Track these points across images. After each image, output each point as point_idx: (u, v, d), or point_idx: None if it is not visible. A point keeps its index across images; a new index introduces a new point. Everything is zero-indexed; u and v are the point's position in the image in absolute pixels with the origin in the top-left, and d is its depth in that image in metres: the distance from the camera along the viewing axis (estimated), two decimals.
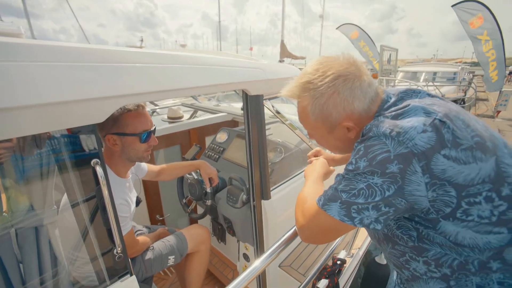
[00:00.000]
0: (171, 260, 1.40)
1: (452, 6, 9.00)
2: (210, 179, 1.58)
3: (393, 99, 0.70)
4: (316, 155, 1.24)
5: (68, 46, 0.67)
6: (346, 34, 12.84)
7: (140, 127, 1.16)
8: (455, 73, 12.43)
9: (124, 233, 1.13)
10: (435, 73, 12.37)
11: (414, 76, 12.22)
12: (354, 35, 12.73)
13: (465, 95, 11.50)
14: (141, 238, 1.39)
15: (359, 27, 12.60)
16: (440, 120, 0.58)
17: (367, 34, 12.40)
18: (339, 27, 13.06)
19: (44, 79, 0.61)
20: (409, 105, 0.63)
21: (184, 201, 1.84)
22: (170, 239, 1.45)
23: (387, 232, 0.72)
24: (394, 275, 0.91)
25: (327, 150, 1.06)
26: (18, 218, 0.72)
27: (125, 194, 1.19)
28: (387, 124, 0.60)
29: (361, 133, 0.68)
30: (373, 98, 0.69)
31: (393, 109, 0.66)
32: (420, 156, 0.55)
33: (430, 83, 9.46)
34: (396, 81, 9.07)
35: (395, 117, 0.62)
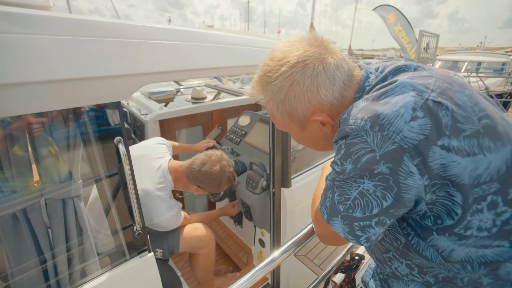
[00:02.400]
0: (159, 253, 1.35)
1: None
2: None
3: (374, 75, 0.56)
4: None
5: (95, 20, 0.65)
6: (383, 17, 11.94)
7: (221, 190, 1.43)
8: (503, 64, 11.18)
9: (181, 221, 1.36)
10: (479, 63, 11.20)
11: (454, 65, 11.18)
12: (391, 18, 11.80)
13: None
14: (194, 218, 1.56)
15: (398, 10, 11.64)
16: (433, 101, 0.45)
17: (405, 18, 11.45)
18: (375, 8, 12.16)
19: (71, 54, 0.60)
20: (395, 81, 0.50)
21: None
22: (165, 232, 1.37)
23: None
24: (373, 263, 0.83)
25: None
26: (47, 189, 0.75)
27: (174, 200, 1.36)
28: (365, 113, 0.47)
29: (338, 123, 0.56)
30: (346, 82, 0.55)
31: (376, 87, 0.53)
32: (412, 152, 0.43)
33: (473, 74, 8.61)
34: None
35: (376, 99, 0.48)
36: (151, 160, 1.32)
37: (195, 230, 1.45)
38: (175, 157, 2.27)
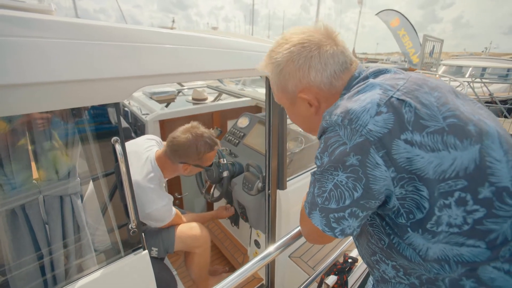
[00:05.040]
0: (154, 252, 1.35)
1: None
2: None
3: (361, 76, 0.61)
4: None
5: (95, 24, 0.68)
6: (386, 22, 11.92)
7: (211, 162, 1.44)
8: (508, 70, 11.09)
9: (171, 219, 1.35)
10: (484, 69, 11.11)
11: (458, 70, 11.11)
12: (394, 22, 11.77)
13: None
14: (186, 218, 1.52)
15: (401, 14, 11.61)
16: (397, 99, 0.49)
17: (410, 22, 11.41)
18: (378, 13, 12.14)
19: (71, 56, 0.62)
20: (367, 81, 0.56)
21: (204, 189, 1.89)
22: (160, 231, 1.38)
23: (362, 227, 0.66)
24: (371, 280, 0.85)
25: None
26: (46, 186, 0.77)
27: (165, 191, 1.38)
28: (339, 110, 0.52)
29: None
30: (337, 72, 0.60)
31: (355, 87, 0.58)
32: (377, 144, 0.46)
33: (477, 80, 8.57)
34: (436, 76, 8.35)
35: (350, 97, 0.54)
36: (140, 154, 1.35)
37: (191, 229, 1.46)
38: None
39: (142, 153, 1.35)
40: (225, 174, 1.59)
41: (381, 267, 0.65)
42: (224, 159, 1.61)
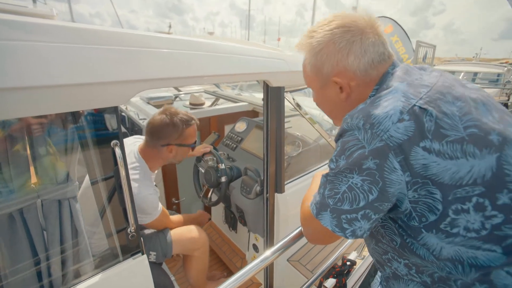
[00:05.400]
0: (152, 256, 1.33)
1: None
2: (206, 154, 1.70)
3: (393, 73, 0.61)
4: None
5: (95, 29, 0.69)
6: None
7: (194, 139, 1.39)
8: (499, 75, 11.35)
9: (158, 215, 1.28)
10: (475, 74, 11.37)
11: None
12: (387, 29, 11.89)
13: (508, 99, 10.52)
14: (176, 218, 1.47)
15: (394, 21, 11.80)
16: (420, 107, 0.50)
17: (402, 28, 11.59)
18: None
19: (71, 60, 0.63)
20: (391, 86, 0.56)
21: (201, 193, 1.88)
22: (158, 234, 1.37)
23: (372, 230, 0.68)
24: (378, 277, 0.85)
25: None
26: (44, 191, 0.77)
27: (153, 184, 1.32)
28: (361, 113, 0.53)
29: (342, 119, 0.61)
30: (375, 62, 0.61)
31: (383, 87, 0.59)
32: (396, 150, 0.48)
33: (457, 78, 8.72)
34: None
35: (372, 102, 0.55)
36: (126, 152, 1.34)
37: (189, 231, 1.45)
38: (171, 166, 2.29)
39: (127, 151, 1.33)
40: (223, 179, 1.59)
41: (393, 265, 0.66)
42: (223, 164, 1.61)
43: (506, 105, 10.14)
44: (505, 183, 0.47)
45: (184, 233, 1.43)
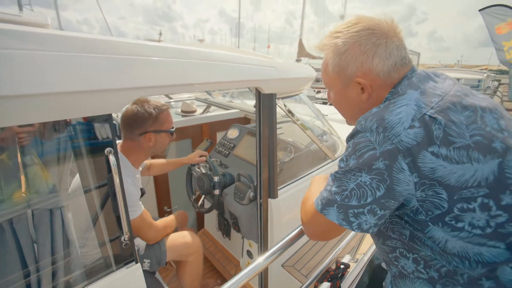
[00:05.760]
0: (146, 264, 1.31)
1: (480, 10, 8.55)
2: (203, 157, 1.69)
3: (410, 78, 0.64)
4: None
5: (89, 38, 0.69)
6: None
7: (170, 125, 1.33)
8: (479, 81, 11.90)
9: (137, 214, 1.19)
10: (458, 80, 11.84)
11: None
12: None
13: None
14: (161, 223, 1.37)
15: None
16: (430, 116, 0.54)
17: None
18: None
19: (64, 69, 0.63)
20: (405, 93, 0.60)
21: (193, 197, 1.87)
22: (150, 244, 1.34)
23: (380, 227, 0.70)
24: (389, 275, 0.86)
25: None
26: (35, 200, 0.76)
27: (134, 179, 1.26)
28: (375, 117, 0.57)
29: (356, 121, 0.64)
30: (398, 65, 0.64)
31: (394, 96, 0.63)
32: (405, 153, 0.52)
33: (466, 87, 9.05)
34: None
35: (386, 107, 0.58)
36: None
37: (183, 237, 1.44)
38: (163, 174, 2.26)
39: None
40: (217, 192, 1.59)
41: (400, 262, 0.68)
42: (217, 177, 1.60)
43: None
44: (507, 185, 0.52)
45: (177, 238, 1.42)
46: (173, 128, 1.35)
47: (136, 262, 0.90)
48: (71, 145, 0.77)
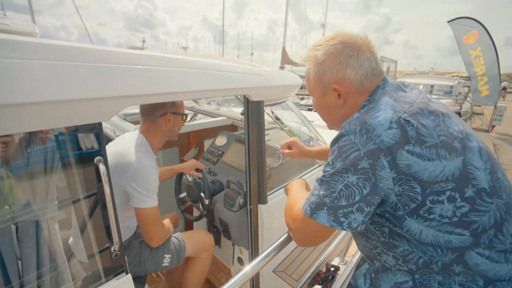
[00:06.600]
0: (167, 259, 1.34)
1: (448, 22, 9.18)
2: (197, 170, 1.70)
3: (384, 87, 0.73)
4: (289, 146, 1.32)
5: (77, 46, 0.69)
6: None
7: (184, 110, 1.44)
8: (451, 87, 12.64)
9: (154, 204, 1.19)
10: (432, 86, 12.57)
11: None
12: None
13: (461, 108, 11.67)
14: (166, 224, 1.37)
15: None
16: (404, 119, 0.61)
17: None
18: None
19: (54, 77, 0.63)
20: (380, 99, 0.68)
21: (180, 196, 1.84)
22: (171, 236, 1.40)
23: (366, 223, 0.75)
24: (363, 269, 0.90)
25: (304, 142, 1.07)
26: (20, 212, 0.73)
27: (155, 162, 1.28)
28: (357, 121, 0.64)
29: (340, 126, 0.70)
30: (368, 74, 0.72)
31: (374, 98, 0.70)
32: (386, 152, 0.59)
33: (428, 95, 9.59)
34: None
35: (366, 112, 0.66)
36: (124, 141, 1.31)
37: (199, 233, 1.57)
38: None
39: (125, 139, 1.32)
40: (206, 202, 1.58)
41: (383, 258, 0.74)
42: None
43: (459, 113, 11.22)
44: (469, 179, 0.60)
45: (194, 234, 1.51)
46: (184, 111, 1.45)
47: (126, 273, 0.88)
48: (59, 155, 0.75)
